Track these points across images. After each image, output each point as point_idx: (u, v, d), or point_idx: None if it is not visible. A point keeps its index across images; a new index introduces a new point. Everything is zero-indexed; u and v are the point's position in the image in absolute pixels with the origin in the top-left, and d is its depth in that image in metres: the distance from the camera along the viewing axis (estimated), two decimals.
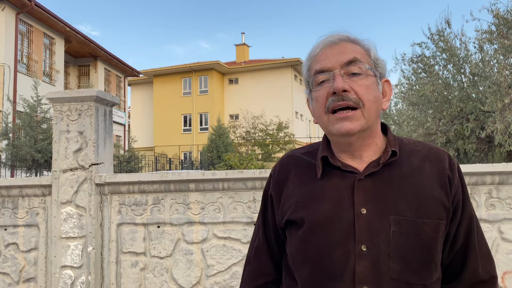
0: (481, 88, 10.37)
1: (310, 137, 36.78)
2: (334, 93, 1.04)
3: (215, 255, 3.00)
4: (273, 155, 29.95)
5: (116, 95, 15.01)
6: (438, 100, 10.95)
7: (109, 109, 3.36)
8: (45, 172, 13.85)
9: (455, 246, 1.11)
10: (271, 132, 30.39)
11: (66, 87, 21.30)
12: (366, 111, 1.05)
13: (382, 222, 1.03)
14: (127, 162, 18.81)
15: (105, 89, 23.73)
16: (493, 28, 9.85)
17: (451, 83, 11.16)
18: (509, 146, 9.00)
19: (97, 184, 3.11)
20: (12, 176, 14.11)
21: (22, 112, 14.42)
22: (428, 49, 11.43)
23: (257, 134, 30.76)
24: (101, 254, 3.13)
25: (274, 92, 34.17)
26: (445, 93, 10.87)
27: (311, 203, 1.09)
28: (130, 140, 23.45)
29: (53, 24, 18.58)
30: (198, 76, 35.43)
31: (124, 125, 25.66)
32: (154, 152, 27.02)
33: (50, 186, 3.16)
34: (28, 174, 13.51)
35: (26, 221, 3.23)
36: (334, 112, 1.05)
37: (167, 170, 21.65)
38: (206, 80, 35.20)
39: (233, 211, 3.00)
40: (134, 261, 3.09)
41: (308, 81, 1.13)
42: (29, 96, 14.03)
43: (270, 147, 30.05)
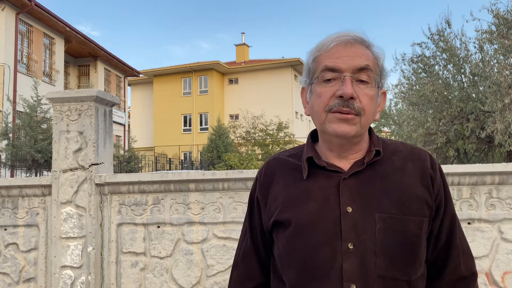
0: (481, 88, 10.38)
1: None
2: (340, 97, 1.04)
3: (215, 255, 3.00)
4: None
5: (116, 95, 15.01)
6: (438, 100, 10.96)
7: (109, 109, 3.36)
8: (45, 172, 13.85)
9: (439, 244, 1.14)
10: (271, 132, 30.38)
11: (66, 87, 21.30)
12: (364, 120, 1.07)
13: (368, 220, 1.04)
14: (127, 162, 18.81)
15: (105, 89, 23.73)
16: (493, 28, 9.86)
17: (451, 83, 11.16)
18: (509, 146, 9.00)
19: (97, 184, 3.11)
20: (12, 176, 14.11)
21: (22, 112, 14.42)
22: (428, 49, 11.44)
23: (257, 134, 30.75)
24: (101, 254, 3.13)
25: (274, 92, 34.17)
26: (445, 93, 10.88)
27: (297, 204, 1.10)
28: (130, 140, 23.45)
29: (53, 24, 18.58)
30: (198, 76, 35.43)
31: (124, 125, 25.67)
32: (154, 152, 27.03)
33: (50, 186, 3.16)
34: (28, 174, 13.51)
35: (26, 221, 3.22)
36: (334, 112, 1.06)
37: (167, 170, 21.66)
38: (206, 80, 35.20)
39: (233, 211, 3.00)
40: (134, 261, 3.09)
41: (311, 72, 1.12)
42: (29, 96, 14.02)
43: (270, 147, 30.03)
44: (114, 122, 21.18)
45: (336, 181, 1.08)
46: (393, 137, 15.36)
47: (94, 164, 3.11)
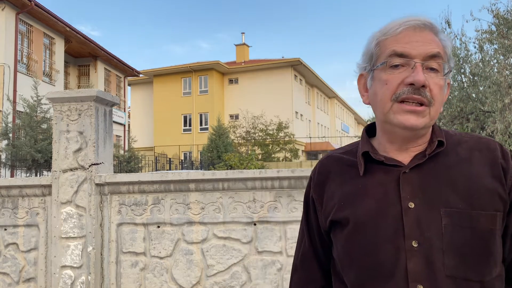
0: (481, 88, 10.38)
1: (310, 137, 36.79)
2: (411, 84, 0.97)
3: (215, 255, 3.00)
4: (273, 155, 29.97)
5: (116, 95, 15.02)
6: None
7: (109, 109, 3.36)
8: (45, 172, 13.85)
9: None
10: (271, 132, 30.42)
11: (66, 87, 21.30)
12: (433, 111, 0.99)
13: (433, 216, 0.96)
14: (127, 162, 18.80)
15: (105, 89, 23.73)
16: (493, 28, 9.86)
17: (451, 83, 11.17)
18: (509, 146, 9.00)
19: (97, 184, 3.11)
20: (12, 176, 14.11)
21: (22, 112, 14.42)
22: None
23: (257, 134, 30.78)
24: (101, 254, 3.13)
25: (274, 92, 34.17)
26: None
27: (355, 201, 1.04)
28: (130, 140, 23.43)
29: (53, 24, 18.58)
30: (198, 76, 35.44)
31: (124, 125, 25.67)
32: (154, 152, 27.02)
33: (50, 186, 3.16)
34: (28, 174, 13.50)
35: (26, 221, 3.23)
36: (401, 102, 0.99)
37: (167, 170, 21.65)
38: (206, 80, 35.20)
39: (233, 211, 3.00)
40: (134, 261, 3.09)
41: (375, 58, 1.04)
42: (29, 96, 14.02)
43: (270, 147, 30.07)
44: (114, 122, 21.18)
45: (396, 176, 1.01)
46: None
47: (94, 164, 3.11)
